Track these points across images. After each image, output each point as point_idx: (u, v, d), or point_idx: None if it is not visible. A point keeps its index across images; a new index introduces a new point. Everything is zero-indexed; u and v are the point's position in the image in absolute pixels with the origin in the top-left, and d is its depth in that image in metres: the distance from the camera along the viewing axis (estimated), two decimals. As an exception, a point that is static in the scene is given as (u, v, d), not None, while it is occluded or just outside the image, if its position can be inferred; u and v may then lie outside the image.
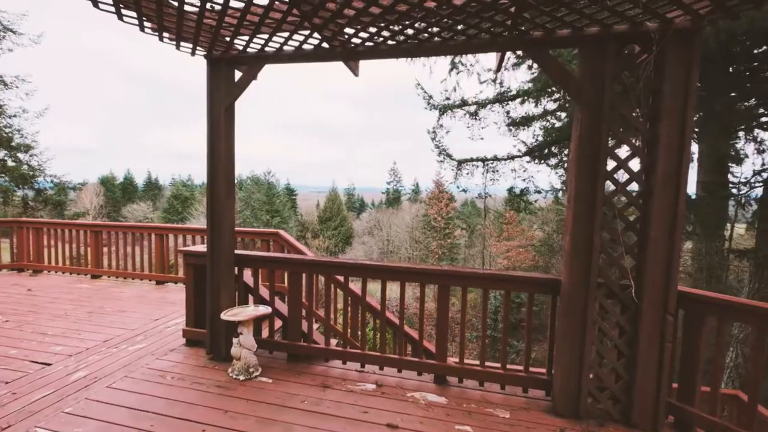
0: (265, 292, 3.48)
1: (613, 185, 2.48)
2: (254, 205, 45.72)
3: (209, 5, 2.21)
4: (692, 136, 2.33)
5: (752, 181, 8.17)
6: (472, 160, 14.61)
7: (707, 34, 5.43)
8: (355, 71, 3.36)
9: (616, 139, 2.45)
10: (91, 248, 6.14)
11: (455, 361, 2.98)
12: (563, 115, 13.21)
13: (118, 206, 47.40)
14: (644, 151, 2.41)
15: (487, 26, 2.39)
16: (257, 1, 2.19)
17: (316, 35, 2.66)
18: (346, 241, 44.76)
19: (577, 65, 2.52)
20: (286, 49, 2.91)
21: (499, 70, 3.19)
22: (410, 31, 2.52)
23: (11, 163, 14.72)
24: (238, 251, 3.40)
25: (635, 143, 2.43)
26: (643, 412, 2.45)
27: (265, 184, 47.79)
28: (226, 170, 3.18)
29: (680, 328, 2.52)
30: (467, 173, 15.01)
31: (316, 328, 4.43)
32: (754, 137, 8.36)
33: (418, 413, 2.54)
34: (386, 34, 2.58)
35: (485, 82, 8.07)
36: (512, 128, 13.63)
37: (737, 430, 2.19)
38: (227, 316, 2.96)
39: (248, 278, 3.49)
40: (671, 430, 2.49)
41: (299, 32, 2.60)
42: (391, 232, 39.78)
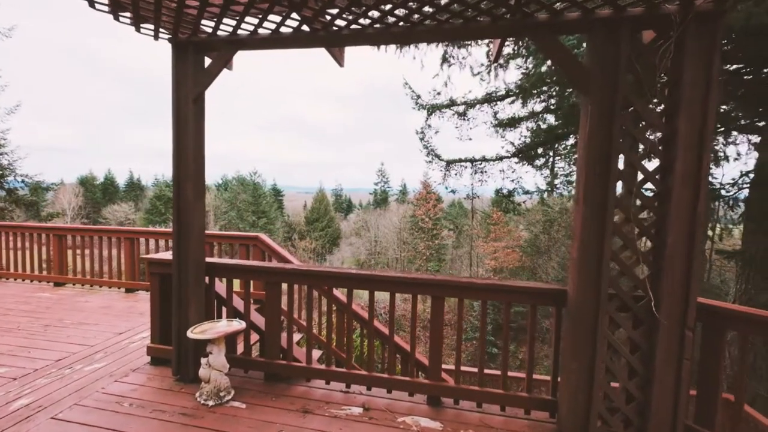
0: (240, 302, 3.14)
1: (625, 186, 2.25)
2: (240, 206, 44.83)
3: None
4: (714, 131, 2.12)
5: (740, 182, 8.20)
6: (460, 160, 14.45)
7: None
8: (339, 60, 3.06)
9: (629, 134, 2.21)
10: (54, 253, 5.66)
11: (449, 368, 2.70)
12: (550, 117, 13.15)
13: (98, 207, 45.80)
14: (660, 148, 2.18)
15: (487, 7, 2.13)
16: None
17: (294, 16, 2.36)
18: (333, 242, 44.28)
19: (585, 54, 2.27)
20: (261, 32, 2.59)
21: (496, 60, 2.95)
22: (401, 11, 2.23)
23: (-24, 161, 13.92)
24: (209, 259, 3.05)
25: (651, 139, 2.20)
26: (659, 437, 2.22)
27: (251, 184, 46.92)
28: (195, 169, 2.83)
29: (696, 342, 2.30)
30: (456, 174, 14.84)
31: (296, 341, 4.10)
32: (732, 141, 8.45)
33: (410, 443, 2.25)
34: (374, 14, 2.29)
35: (479, 74, 7.83)
36: (499, 129, 13.54)
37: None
38: (194, 333, 2.61)
39: (221, 288, 3.15)
40: (688, 455, 2.26)
41: (276, 13, 2.29)
42: (378, 233, 39.51)
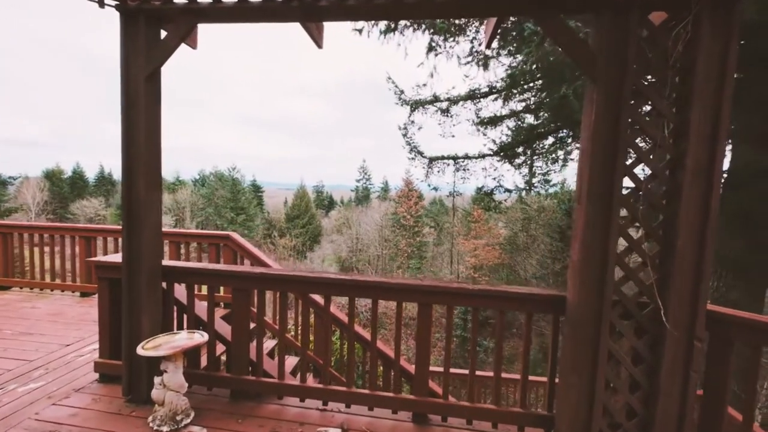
0: (204, 308, 2.79)
1: (632, 183, 2.05)
2: (218, 202, 43.53)
3: None
4: (729, 123, 1.94)
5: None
6: (443, 158, 14.33)
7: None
8: (318, 40, 2.74)
9: (637, 125, 2.01)
10: (-2, 253, 5.09)
11: (437, 370, 2.46)
12: (531, 117, 13.16)
13: (65, 202, 43.39)
14: (670, 141, 1.98)
15: (485, -23, 1.87)
16: None
17: (263, -18, 2.03)
18: (314, 239, 43.59)
19: (591, 37, 2.06)
20: (225, 1, 2.25)
21: (489, 45, 2.69)
22: (387, -20, 1.95)
23: None
24: (167, 262, 2.69)
25: (660, 131, 2.00)
26: (663, 456, 2.04)
27: (229, 180, 45.63)
28: (148, 158, 2.47)
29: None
30: (438, 171, 14.72)
31: (268, 350, 3.78)
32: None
33: (394, 470, 1.99)
34: (356, -17, 2.00)
35: (467, 64, 7.58)
36: (480, 128, 13.49)
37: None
38: (146, 349, 2.26)
39: (181, 293, 2.80)
40: (693, 474, 2.10)
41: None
42: (360, 230, 39.15)
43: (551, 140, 14.31)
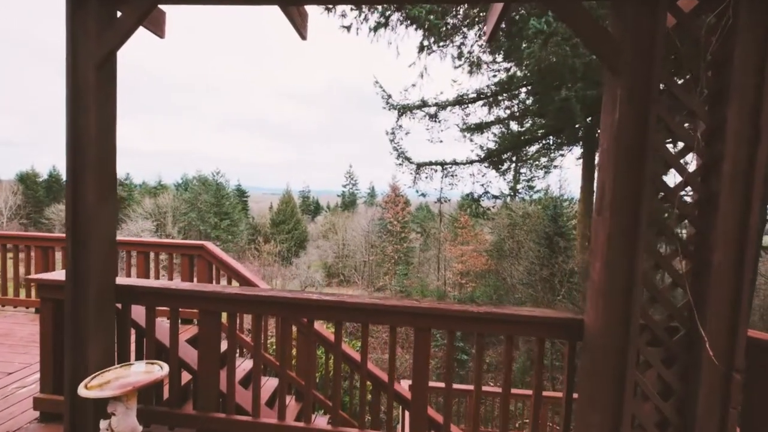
0: (167, 330, 2.41)
1: (660, 191, 1.80)
2: (201, 207, 42.37)
3: None
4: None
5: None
6: (431, 163, 14.16)
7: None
8: (301, 29, 2.44)
9: (664, 126, 1.78)
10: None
11: (437, 386, 2.15)
12: (525, 123, 13.14)
13: (40, 207, 41.53)
14: (703, 144, 1.75)
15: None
16: None
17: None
18: (300, 245, 42.80)
19: (612, 26, 1.81)
20: (190, -24, 1.93)
21: (491, 39, 2.44)
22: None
23: None
24: (123, 280, 2.32)
25: (692, 133, 1.77)
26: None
27: (213, 184, 44.55)
28: (99, 159, 2.10)
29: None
30: (426, 177, 14.55)
31: (240, 378, 3.39)
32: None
33: None
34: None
35: (460, 66, 7.37)
36: (466, 134, 13.40)
37: None
38: (90, 388, 1.88)
39: (140, 314, 2.42)
40: None
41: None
42: (346, 235, 38.69)
43: (536, 147, 14.36)
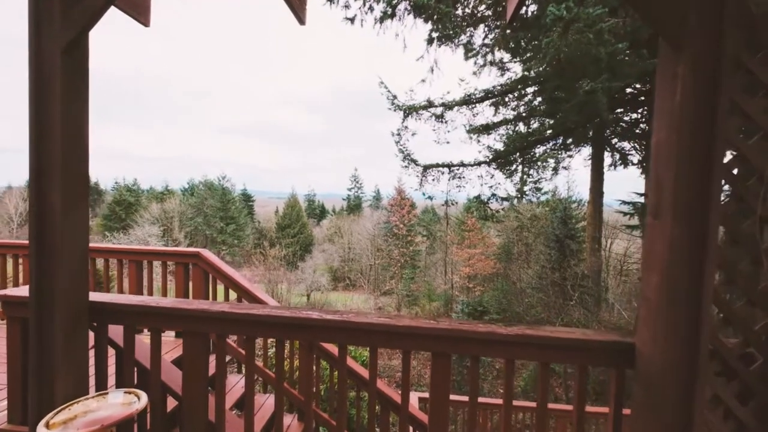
0: (147, 351, 2.13)
1: (732, 191, 1.49)
2: (207, 211, 42.51)
3: None
4: None
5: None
6: (437, 165, 13.85)
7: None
8: (299, 13, 2.17)
9: (738, 110, 1.46)
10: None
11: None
12: (533, 123, 12.81)
13: (47, 212, 41.93)
14: (786, 131, 1.43)
15: None
16: None
17: None
18: (305, 249, 42.64)
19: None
20: (168, -56, 1.66)
21: (513, 19, 2.16)
22: None
23: None
24: (98, 297, 2.05)
25: (772, 118, 1.45)
26: None
27: (219, 189, 44.68)
28: (68, 161, 1.84)
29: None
30: (433, 179, 14.24)
31: (231, 406, 3.10)
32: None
33: None
34: None
35: (473, 57, 7.02)
36: (472, 135, 13.10)
37: None
38: (52, 426, 1.60)
39: (117, 334, 2.14)
40: None
41: None
42: (352, 239, 38.46)
43: (544, 148, 14.02)
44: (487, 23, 6.16)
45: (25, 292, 2.09)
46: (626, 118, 11.80)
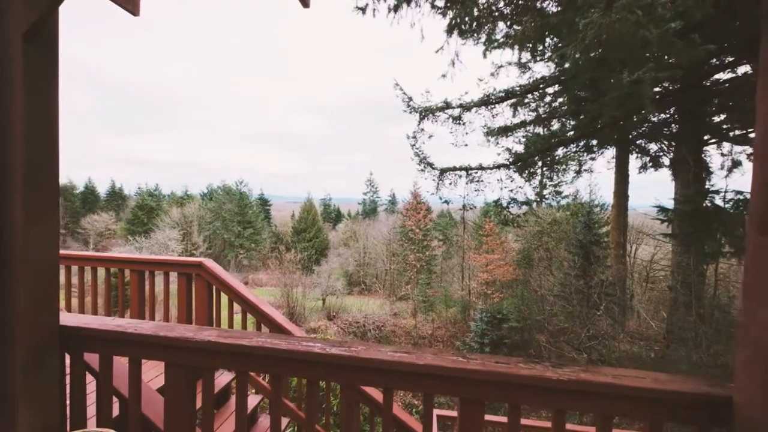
0: (135, 378, 1.85)
1: None
2: (225, 216, 43.11)
3: None
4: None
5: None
6: (455, 169, 13.43)
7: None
8: (301, -8, 1.88)
9: None
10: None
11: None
12: (554, 125, 12.30)
13: (77, 217, 43.58)
14: None
15: None
16: None
17: None
18: (321, 252, 42.64)
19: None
20: None
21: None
22: None
23: None
24: (68, 320, 1.78)
25: None
26: None
27: (237, 194, 45.30)
28: (32, 163, 1.58)
29: None
30: (450, 183, 13.82)
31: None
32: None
33: None
34: None
35: (499, 47, 6.48)
36: (490, 138, 12.66)
37: None
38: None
39: (95, 359, 1.87)
40: None
41: None
42: (367, 243, 38.21)
43: (565, 150, 13.43)
44: (509, 18, 5.78)
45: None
46: (654, 118, 11.14)
